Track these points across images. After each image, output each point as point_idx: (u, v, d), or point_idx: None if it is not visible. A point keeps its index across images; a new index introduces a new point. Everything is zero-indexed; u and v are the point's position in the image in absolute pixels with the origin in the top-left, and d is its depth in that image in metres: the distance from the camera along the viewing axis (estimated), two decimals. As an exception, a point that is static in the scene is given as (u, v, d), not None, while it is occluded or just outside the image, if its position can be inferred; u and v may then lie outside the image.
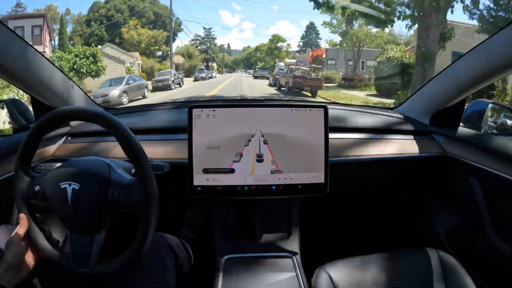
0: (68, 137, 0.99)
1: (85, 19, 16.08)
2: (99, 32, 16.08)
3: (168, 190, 0.95)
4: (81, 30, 15.68)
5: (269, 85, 13.61)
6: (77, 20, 15.86)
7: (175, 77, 12.75)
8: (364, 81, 12.07)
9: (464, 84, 0.86)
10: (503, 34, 0.70)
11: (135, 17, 16.91)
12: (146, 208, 0.56)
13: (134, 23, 16.61)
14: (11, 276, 0.54)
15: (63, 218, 0.58)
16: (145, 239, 0.56)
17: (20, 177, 0.59)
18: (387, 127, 1.03)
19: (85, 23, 16.04)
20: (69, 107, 0.59)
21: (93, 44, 13.38)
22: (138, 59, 15.18)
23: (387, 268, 0.76)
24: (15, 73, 0.74)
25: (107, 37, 16.19)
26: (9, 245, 0.55)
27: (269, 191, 0.80)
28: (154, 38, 16.54)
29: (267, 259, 0.83)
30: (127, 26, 16.38)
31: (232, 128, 0.78)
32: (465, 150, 0.91)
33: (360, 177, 1.05)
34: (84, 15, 16.21)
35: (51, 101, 0.90)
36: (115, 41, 16.05)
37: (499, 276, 0.82)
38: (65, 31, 13.58)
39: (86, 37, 15.82)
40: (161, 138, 0.94)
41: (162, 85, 11.97)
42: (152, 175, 0.57)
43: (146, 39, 16.31)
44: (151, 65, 15.23)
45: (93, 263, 0.57)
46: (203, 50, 21.94)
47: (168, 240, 0.78)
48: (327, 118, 0.79)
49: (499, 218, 0.83)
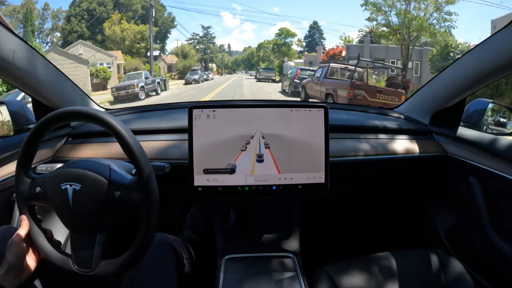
0: (69, 138, 0.99)
1: (66, 15, 14.48)
2: (79, 29, 14.35)
3: (169, 190, 0.96)
4: (61, 27, 13.92)
5: (284, 93, 10.37)
6: (56, 15, 14.35)
7: (148, 83, 9.67)
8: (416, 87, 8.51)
9: (464, 84, 0.86)
10: (503, 34, 0.70)
11: (119, 11, 14.60)
12: (146, 209, 0.56)
13: (118, 17, 14.37)
14: (12, 277, 0.54)
15: (64, 219, 0.58)
16: (146, 239, 0.56)
17: (21, 178, 0.59)
18: (387, 127, 1.03)
19: (66, 18, 14.51)
20: (69, 108, 0.59)
21: (73, 41, 11.98)
22: (118, 59, 12.92)
23: (387, 268, 0.76)
24: (16, 74, 0.75)
25: (88, 34, 14.39)
26: (11, 246, 0.55)
27: (270, 191, 0.80)
28: (140, 34, 14.31)
29: (268, 259, 0.84)
30: (109, 20, 14.27)
31: (232, 129, 0.78)
32: (465, 150, 0.91)
33: (360, 177, 1.05)
34: (66, 10, 14.58)
35: (51, 102, 0.90)
36: (96, 39, 14.23)
37: (499, 275, 0.82)
38: (30, 25, 12.08)
39: (65, 34, 14.25)
40: (162, 138, 0.94)
41: (125, 94, 8.93)
42: (153, 175, 0.57)
43: (131, 35, 14.09)
44: (136, 65, 13.03)
45: (95, 263, 0.57)
46: (201, 49, 20.53)
47: (170, 241, 0.78)
48: (327, 118, 0.79)
49: (499, 218, 0.83)
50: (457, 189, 0.97)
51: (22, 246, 0.56)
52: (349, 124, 1.02)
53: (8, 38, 0.68)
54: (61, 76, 0.91)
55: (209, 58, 21.10)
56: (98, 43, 14.23)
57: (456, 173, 0.96)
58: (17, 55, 0.72)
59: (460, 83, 0.87)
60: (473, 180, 0.88)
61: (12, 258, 0.54)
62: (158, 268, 0.70)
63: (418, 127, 1.04)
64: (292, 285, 0.76)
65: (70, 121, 0.96)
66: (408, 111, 1.13)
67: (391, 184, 1.20)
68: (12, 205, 0.81)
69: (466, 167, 0.90)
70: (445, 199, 1.04)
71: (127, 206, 0.57)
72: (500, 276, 0.82)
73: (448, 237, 0.99)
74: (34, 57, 0.78)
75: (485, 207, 0.84)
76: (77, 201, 0.56)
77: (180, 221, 1.20)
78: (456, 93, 0.90)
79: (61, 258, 0.58)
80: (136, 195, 0.56)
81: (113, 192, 0.56)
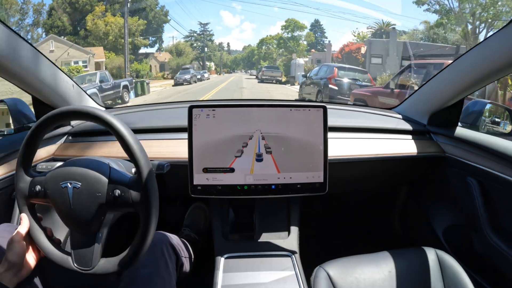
0: (69, 136, 1.00)
1: (49, 8, 13.05)
2: (60, 23, 12.98)
3: (169, 189, 0.96)
4: (42, 22, 12.52)
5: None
6: (37, 9, 12.94)
7: (104, 88, 7.35)
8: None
9: (462, 84, 0.86)
10: (502, 34, 0.70)
11: (105, 2, 12.86)
12: (146, 207, 0.56)
13: (102, 9, 12.71)
14: (12, 275, 0.54)
15: (64, 217, 0.58)
16: (145, 238, 0.57)
17: (21, 176, 0.60)
18: (385, 127, 1.04)
19: (48, 12, 13.12)
20: (69, 106, 0.59)
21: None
22: (99, 56, 11.17)
23: (385, 266, 0.77)
24: (16, 73, 0.75)
25: (70, 29, 12.97)
26: (11, 245, 0.55)
27: (269, 190, 0.80)
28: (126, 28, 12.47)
29: (267, 258, 0.84)
30: (92, 13, 12.66)
31: (231, 128, 0.78)
32: (463, 150, 0.92)
33: (358, 177, 1.05)
34: (49, 3, 13.13)
35: (52, 100, 0.91)
36: (79, 34, 12.76)
37: (496, 274, 0.83)
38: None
39: (46, 30, 12.90)
40: (161, 137, 0.94)
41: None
42: (153, 174, 0.57)
43: (116, 29, 12.39)
44: (119, 63, 11.26)
45: (94, 261, 0.57)
46: (199, 47, 19.13)
47: (169, 239, 0.79)
48: (326, 118, 0.80)
49: (497, 218, 0.83)
50: (455, 189, 0.97)
51: (22, 244, 0.56)
52: (347, 124, 1.02)
53: (8, 37, 0.69)
54: (62, 74, 0.91)
55: (207, 57, 19.73)
56: (81, 39, 12.88)
57: (454, 173, 0.96)
58: (17, 54, 0.72)
59: (458, 84, 0.87)
60: (471, 180, 0.88)
61: (12, 256, 0.54)
62: (157, 266, 0.71)
63: (416, 127, 1.05)
64: (291, 284, 0.77)
65: (70, 119, 0.97)
66: (406, 111, 1.14)
67: (389, 183, 1.20)
68: (13, 204, 0.81)
69: (464, 167, 0.90)
70: (443, 199, 1.05)
71: (127, 204, 0.57)
72: (497, 276, 0.83)
73: (446, 237, 1.00)
74: (34, 56, 0.78)
75: (483, 207, 0.85)
76: (77, 199, 0.56)
77: (180, 219, 1.21)
78: (455, 93, 0.90)
79: (60, 256, 0.58)
80: (136, 194, 0.56)
81: (113, 190, 0.57)
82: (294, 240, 0.90)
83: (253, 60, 20.21)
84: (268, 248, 0.88)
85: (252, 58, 20.38)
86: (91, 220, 0.57)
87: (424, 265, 0.76)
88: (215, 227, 0.93)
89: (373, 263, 0.77)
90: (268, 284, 0.76)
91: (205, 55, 19.86)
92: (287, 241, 0.90)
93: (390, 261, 0.78)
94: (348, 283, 0.73)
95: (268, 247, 0.88)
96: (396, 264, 0.77)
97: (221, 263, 0.82)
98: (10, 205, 0.81)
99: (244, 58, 23.09)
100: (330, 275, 0.74)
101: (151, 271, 0.69)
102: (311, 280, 0.74)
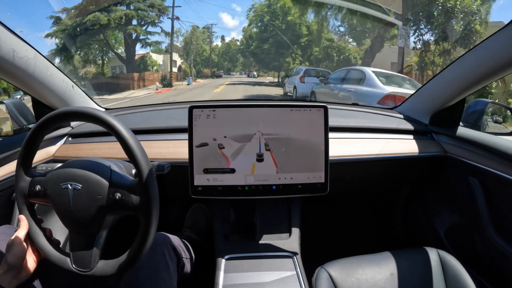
0: (69, 137, 0.99)
1: None
2: None
3: (169, 190, 0.96)
4: None
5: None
6: None
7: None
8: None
9: (463, 84, 0.86)
10: (503, 34, 0.70)
11: None
12: (147, 209, 0.56)
13: None
14: (12, 277, 0.54)
15: (64, 219, 0.58)
16: (145, 240, 0.56)
17: (21, 177, 0.59)
18: (387, 127, 1.03)
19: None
20: (69, 107, 0.59)
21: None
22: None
23: (387, 267, 0.76)
24: (16, 74, 0.75)
25: None
26: (10, 246, 0.55)
27: (269, 191, 0.80)
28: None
29: (268, 259, 0.84)
30: None
31: (232, 128, 0.78)
32: (465, 149, 0.91)
33: (360, 177, 1.05)
34: None
35: (51, 101, 0.90)
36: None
37: (498, 274, 0.82)
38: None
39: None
40: (162, 138, 0.94)
41: None
42: (153, 175, 0.57)
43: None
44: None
45: (93, 263, 0.57)
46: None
47: (170, 240, 0.78)
48: (327, 118, 0.79)
49: (499, 217, 0.83)
50: (457, 189, 0.97)
51: (22, 246, 0.56)
52: (348, 124, 1.02)
53: (8, 37, 0.68)
54: (61, 75, 0.91)
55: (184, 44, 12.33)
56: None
57: (456, 173, 0.96)
58: (17, 55, 0.72)
59: (459, 83, 0.87)
60: (473, 180, 0.88)
61: (11, 258, 0.54)
62: (158, 267, 0.70)
63: (418, 127, 1.04)
64: (292, 285, 0.76)
65: (70, 120, 0.96)
66: (408, 111, 1.13)
67: (390, 183, 1.20)
68: (12, 205, 0.81)
69: (465, 167, 0.90)
70: (445, 199, 1.04)
71: (127, 208, 0.57)
72: (499, 276, 0.82)
73: (447, 237, 0.99)
74: (34, 57, 0.78)
75: (484, 207, 0.84)
76: (77, 201, 0.56)
77: (180, 220, 1.20)
78: (456, 93, 0.90)
79: (59, 257, 0.58)
80: (137, 197, 0.56)
81: (114, 193, 0.56)
82: (295, 240, 0.90)
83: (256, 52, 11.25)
84: (269, 249, 0.87)
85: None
86: (91, 222, 0.57)
87: (426, 266, 0.76)
88: (216, 228, 0.93)
89: (374, 263, 0.77)
90: (269, 285, 0.76)
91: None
92: (288, 242, 0.89)
93: (392, 262, 0.77)
94: (349, 283, 0.73)
95: (269, 248, 0.88)
96: (398, 265, 0.77)
97: (222, 264, 0.82)
98: (10, 207, 0.81)
99: (244, 48, 13.66)
100: (332, 275, 0.73)
101: (151, 272, 0.69)
102: (313, 281, 0.74)
